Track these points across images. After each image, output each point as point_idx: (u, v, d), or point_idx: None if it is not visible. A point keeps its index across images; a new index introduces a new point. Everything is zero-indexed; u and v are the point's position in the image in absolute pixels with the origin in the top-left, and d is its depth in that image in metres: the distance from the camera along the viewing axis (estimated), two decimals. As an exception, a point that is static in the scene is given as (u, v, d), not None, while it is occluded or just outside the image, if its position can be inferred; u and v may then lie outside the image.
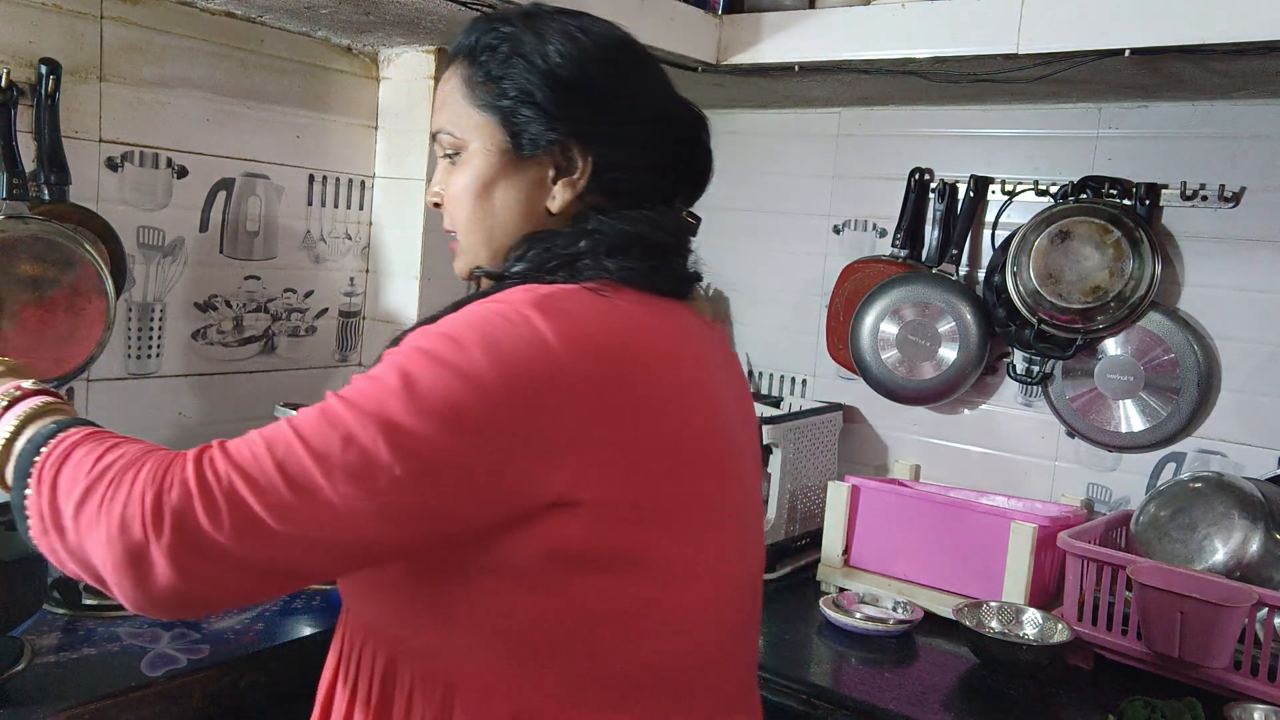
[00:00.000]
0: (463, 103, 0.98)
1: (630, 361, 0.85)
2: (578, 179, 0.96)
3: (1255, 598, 1.45)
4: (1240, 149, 1.85)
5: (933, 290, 2.11)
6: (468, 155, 0.98)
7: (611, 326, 0.86)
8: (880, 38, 1.76)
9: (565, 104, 0.95)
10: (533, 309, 0.83)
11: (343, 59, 2.03)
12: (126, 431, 1.83)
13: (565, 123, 0.95)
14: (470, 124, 0.98)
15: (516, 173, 0.97)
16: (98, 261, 1.60)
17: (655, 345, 0.89)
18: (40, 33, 1.59)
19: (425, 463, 0.78)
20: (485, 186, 0.97)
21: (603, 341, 0.84)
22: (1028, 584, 1.71)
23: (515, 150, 0.96)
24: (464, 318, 0.84)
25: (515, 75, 0.95)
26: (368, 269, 2.15)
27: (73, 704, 1.21)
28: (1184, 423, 1.88)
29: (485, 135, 0.97)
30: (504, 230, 0.98)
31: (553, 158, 0.96)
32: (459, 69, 1.00)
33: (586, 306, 0.86)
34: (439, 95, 1.02)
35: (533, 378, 0.80)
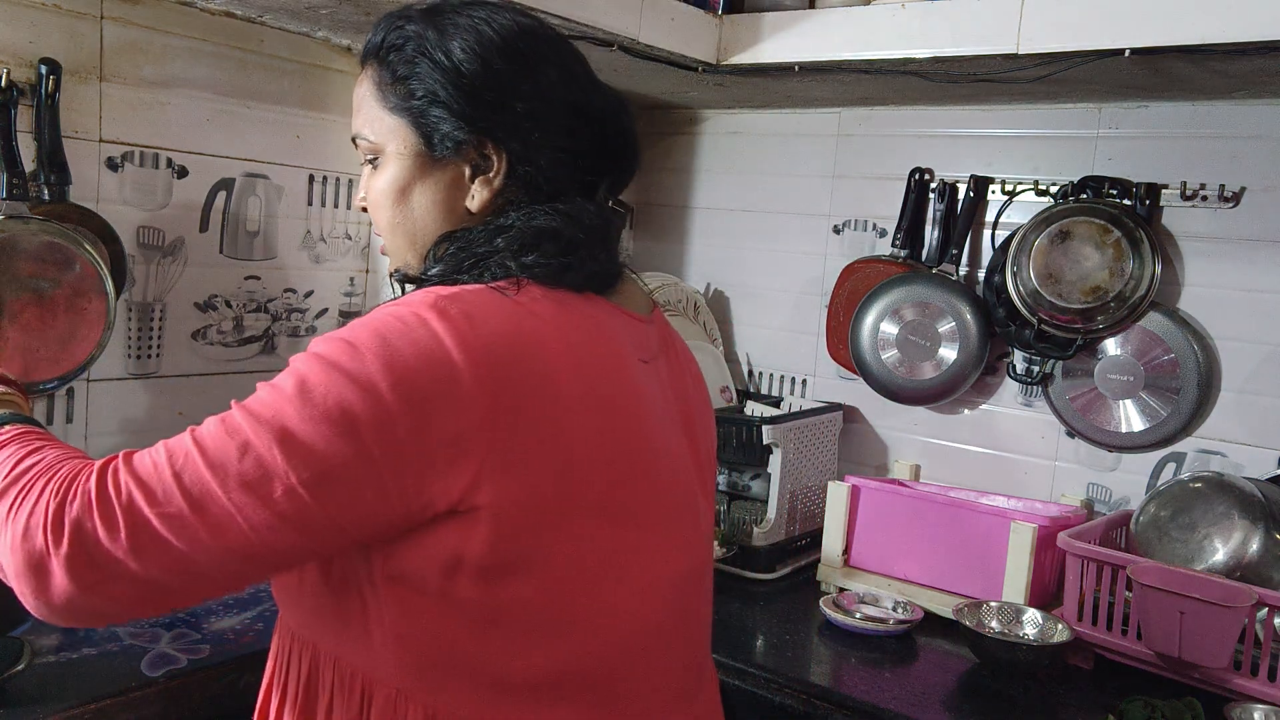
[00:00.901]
0: (375, 106, 0.97)
1: (528, 363, 0.83)
2: (493, 176, 0.95)
3: (1255, 598, 1.45)
4: (1240, 149, 1.85)
5: (933, 290, 2.11)
6: (384, 159, 0.97)
7: (510, 328, 0.84)
8: (880, 38, 1.76)
9: (473, 101, 0.93)
10: (430, 311, 0.82)
11: (343, 59, 2.03)
12: (126, 431, 1.84)
13: (475, 120, 0.93)
14: (384, 127, 0.97)
15: (432, 174, 0.96)
16: (98, 261, 1.60)
17: (556, 345, 0.86)
18: (40, 33, 1.59)
19: (320, 470, 0.78)
20: (402, 190, 0.97)
21: (499, 343, 0.82)
22: (1028, 584, 1.71)
23: (429, 151, 0.95)
24: (364, 322, 0.83)
25: (421, 75, 0.94)
26: (368, 269, 2.15)
27: (73, 704, 1.21)
28: (1184, 423, 1.88)
29: (398, 138, 0.96)
30: (425, 232, 0.97)
31: (467, 156, 0.95)
32: (369, 71, 0.99)
33: (487, 307, 0.85)
34: (355, 98, 1.01)
35: (426, 382, 0.79)
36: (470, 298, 0.85)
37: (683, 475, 0.99)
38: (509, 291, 0.87)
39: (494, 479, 0.81)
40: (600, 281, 0.96)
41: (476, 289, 0.87)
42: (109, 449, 1.74)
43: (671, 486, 0.96)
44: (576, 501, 0.85)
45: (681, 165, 2.57)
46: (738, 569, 1.96)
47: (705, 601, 1.05)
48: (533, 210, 0.94)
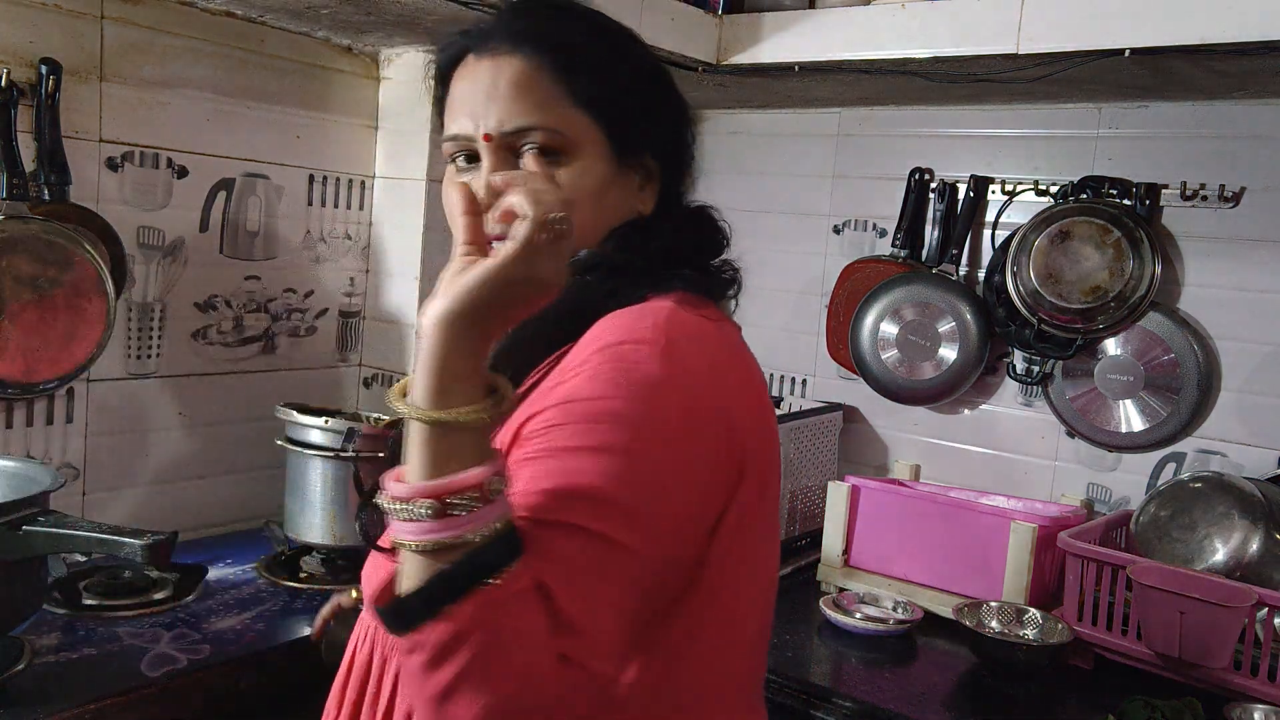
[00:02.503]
0: (561, 98, 0.91)
1: (750, 394, 0.92)
2: (655, 185, 0.98)
3: (1255, 598, 1.45)
4: (1240, 149, 1.85)
5: (933, 290, 2.11)
6: (576, 157, 0.91)
7: (736, 362, 0.92)
8: (880, 38, 1.76)
9: (648, 109, 0.95)
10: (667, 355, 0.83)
11: (343, 59, 2.03)
12: (126, 431, 1.84)
13: (648, 129, 0.95)
14: (574, 122, 0.91)
15: (617, 180, 0.95)
16: (98, 261, 1.60)
17: (754, 377, 0.96)
18: (40, 33, 1.59)
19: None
20: (595, 195, 0.93)
21: (734, 378, 0.89)
22: (1028, 584, 1.71)
23: (618, 155, 0.94)
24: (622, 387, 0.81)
25: (619, 75, 0.94)
26: (368, 269, 2.15)
27: (73, 704, 1.21)
28: (1184, 423, 1.88)
29: (591, 137, 0.92)
30: (596, 232, 0.94)
31: (642, 163, 0.96)
32: (541, 59, 0.91)
33: (709, 342, 0.89)
34: (503, 86, 0.91)
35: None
36: (696, 335, 0.87)
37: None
38: (710, 317, 0.91)
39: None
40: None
41: (689, 319, 0.88)
42: (109, 449, 1.75)
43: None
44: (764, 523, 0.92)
45: (681, 165, 2.57)
46: (738, 569, 1.96)
47: None
48: (689, 215, 1.00)
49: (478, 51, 0.92)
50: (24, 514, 1.18)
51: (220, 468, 1.93)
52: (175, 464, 1.86)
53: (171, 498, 1.86)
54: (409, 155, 2.05)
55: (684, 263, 0.95)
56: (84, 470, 1.73)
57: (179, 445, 1.87)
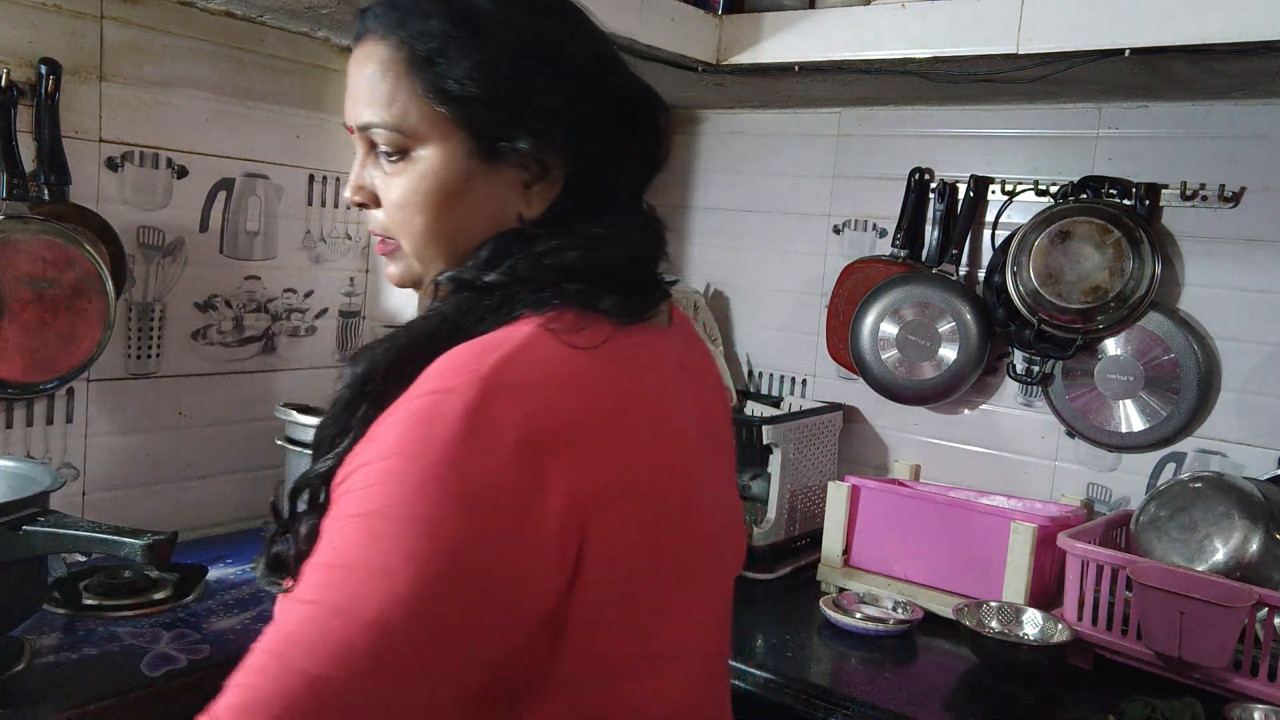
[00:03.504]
0: (406, 91, 0.83)
1: (605, 442, 0.76)
2: (553, 183, 0.85)
3: (1255, 598, 1.45)
4: (1240, 149, 1.85)
5: (933, 290, 2.11)
6: (422, 156, 0.84)
7: (593, 405, 0.76)
8: (880, 38, 1.76)
9: (540, 98, 0.82)
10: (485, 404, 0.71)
11: (343, 59, 2.03)
12: (126, 431, 1.84)
13: (535, 119, 0.82)
14: (421, 118, 0.82)
15: (485, 178, 0.84)
16: (98, 261, 1.60)
17: (631, 412, 0.79)
18: (40, 33, 1.59)
19: None
20: (450, 195, 0.84)
21: (589, 429, 0.75)
22: (1028, 584, 1.71)
23: (482, 152, 0.83)
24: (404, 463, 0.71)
25: (473, 60, 0.81)
26: (368, 269, 2.15)
27: (73, 704, 1.21)
28: (1184, 423, 1.88)
29: (442, 133, 0.83)
30: (468, 239, 0.85)
31: (524, 160, 0.84)
32: (391, 48, 0.83)
33: (553, 382, 0.75)
34: (362, 78, 0.85)
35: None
36: (536, 368, 0.75)
37: (720, 503, 0.93)
38: (580, 344, 0.78)
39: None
40: (660, 301, 0.89)
41: (537, 357, 0.76)
42: (109, 449, 1.75)
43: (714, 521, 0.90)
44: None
45: (681, 165, 2.57)
46: (738, 569, 1.96)
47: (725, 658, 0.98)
48: (616, 220, 0.85)
49: (358, 36, 0.87)
50: (24, 514, 1.18)
51: (220, 468, 1.93)
52: (175, 464, 1.86)
53: (171, 498, 1.86)
54: (409, 155, 2.05)
55: (572, 278, 0.81)
56: (84, 470, 1.73)
57: (179, 445, 1.87)
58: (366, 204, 0.90)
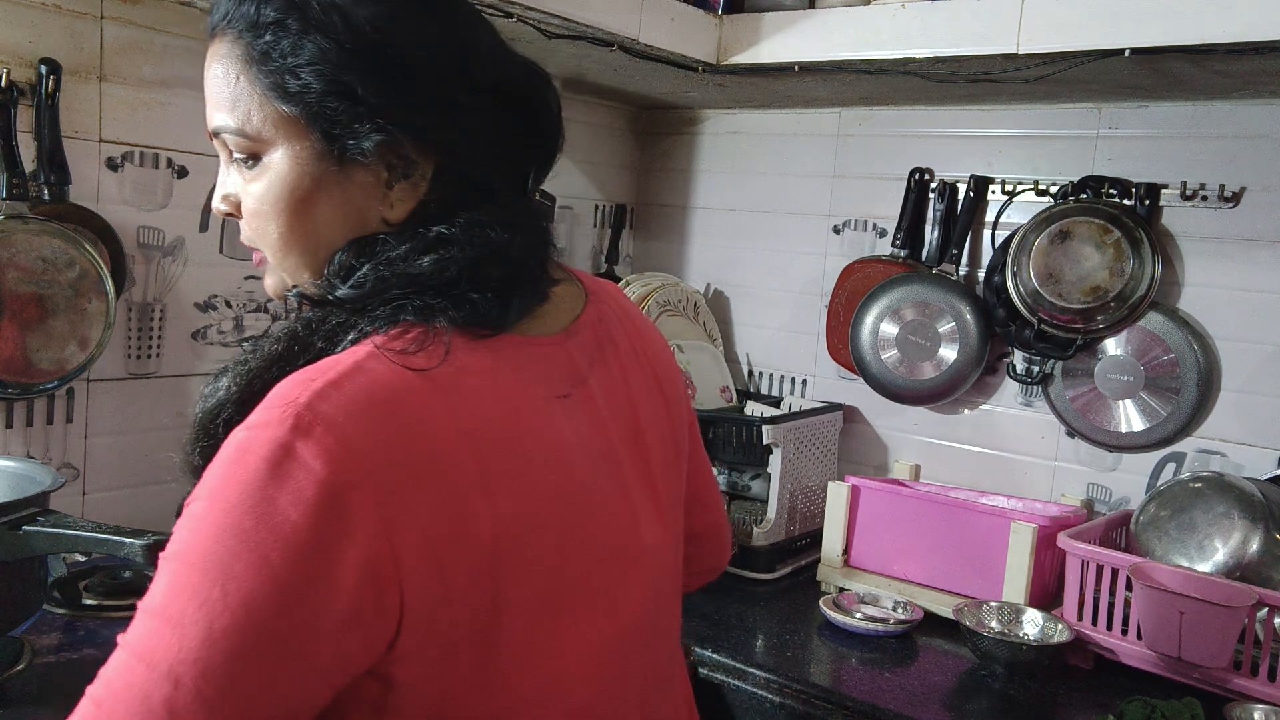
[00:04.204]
0: (250, 92, 0.77)
1: (433, 478, 0.70)
2: (418, 180, 0.78)
3: (1255, 598, 1.45)
4: (1240, 149, 1.85)
5: (933, 290, 2.11)
6: (271, 161, 0.79)
7: (417, 438, 0.70)
8: (880, 38, 1.76)
9: (388, 88, 0.75)
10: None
11: (343, 59, 2.03)
12: (126, 431, 1.83)
13: (393, 113, 0.75)
14: (267, 120, 0.77)
15: (339, 180, 0.78)
16: (98, 261, 1.60)
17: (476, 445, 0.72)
18: (40, 33, 1.59)
19: None
20: (301, 199, 0.78)
21: (411, 468, 0.69)
22: (1028, 584, 1.71)
23: (334, 152, 0.77)
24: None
25: (317, 54, 0.75)
26: (368, 269, 2.14)
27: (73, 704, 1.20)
28: (1184, 423, 1.88)
29: (290, 135, 0.77)
30: (330, 245, 0.79)
31: (383, 158, 0.77)
32: (236, 47, 0.78)
33: (381, 404, 0.69)
34: (211, 80, 0.80)
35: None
36: (353, 407, 0.68)
37: (616, 522, 0.85)
38: (415, 365, 0.71)
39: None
40: (534, 306, 0.82)
41: (369, 379, 0.70)
42: (109, 449, 1.74)
43: (601, 546, 0.82)
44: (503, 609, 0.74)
45: (681, 165, 2.57)
46: (738, 569, 1.96)
47: (654, 653, 0.90)
48: (468, 220, 0.77)
49: (210, 33, 0.81)
50: (24, 514, 1.18)
51: (220, 468, 1.93)
52: (175, 464, 1.86)
53: (171, 498, 1.85)
54: (409, 155, 2.05)
55: (430, 286, 0.75)
56: (84, 470, 1.73)
57: (179, 445, 1.86)
58: (233, 214, 0.85)
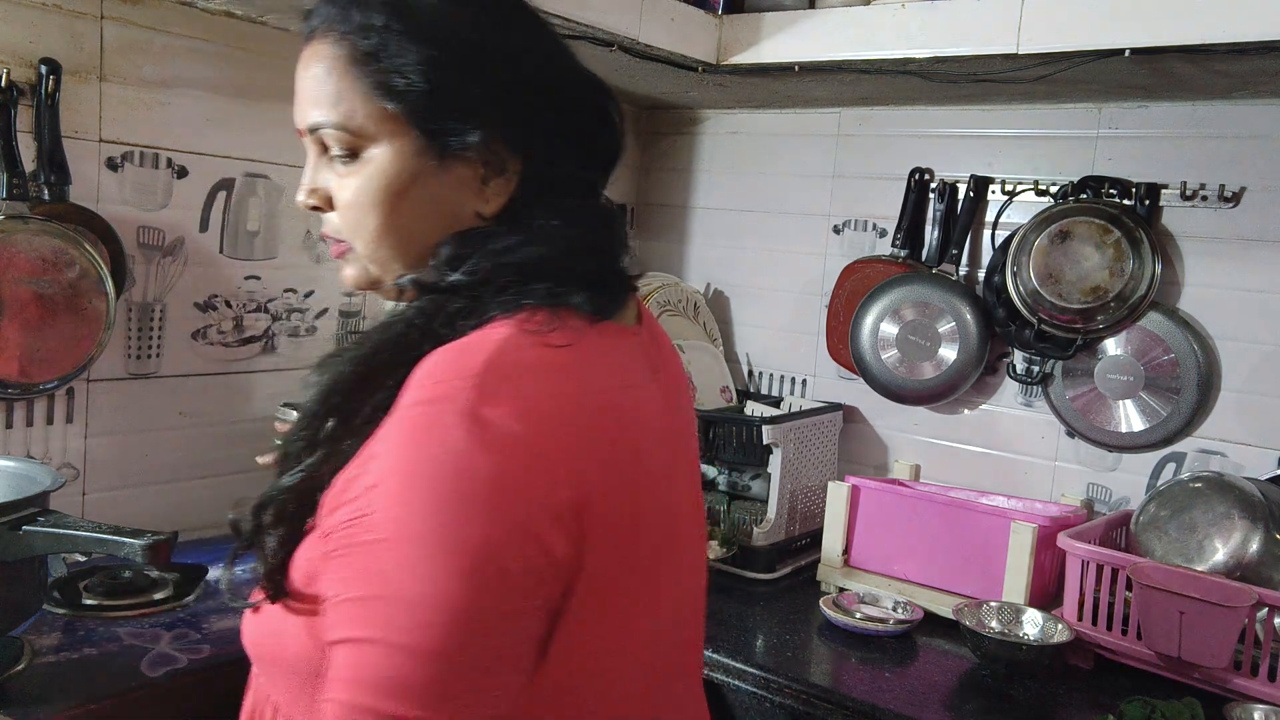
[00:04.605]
0: (352, 89, 0.81)
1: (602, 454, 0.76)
2: (510, 177, 0.83)
3: (1255, 598, 1.45)
4: (1240, 149, 1.85)
5: (933, 290, 2.11)
6: (372, 156, 0.82)
7: (583, 400, 0.76)
8: (880, 38, 1.76)
9: (487, 90, 0.80)
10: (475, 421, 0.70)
11: (343, 59, 2.03)
12: (126, 431, 1.83)
13: (490, 113, 0.81)
14: (371, 117, 0.81)
15: (437, 176, 0.82)
16: (98, 261, 1.60)
17: (614, 417, 0.79)
18: (40, 33, 1.59)
19: None
20: (399, 193, 0.82)
21: (578, 425, 0.75)
22: (1028, 584, 1.71)
23: (433, 149, 0.81)
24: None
25: (422, 55, 0.79)
26: (368, 269, 2.14)
27: (73, 704, 1.21)
28: (1184, 423, 1.88)
29: (391, 131, 0.81)
30: (423, 239, 0.83)
31: (480, 155, 0.82)
32: (339, 48, 0.81)
33: (545, 385, 0.74)
34: (308, 79, 0.84)
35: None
36: (521, 373, 0.74)
37: (690, 503, 0.94)
38: (556, 342, 0.77)
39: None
40: (625, 297, 0.88)
41: (520, 357, 0.75)
42: (109, 449, 1.74)
43: (678, 525, 0.89)
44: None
45: (681, 165, 2.57)
46: (738, 569, 1.96)
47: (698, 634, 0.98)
48: (566, 214, 0.84)
49: (306, 36, 0.85)
50: (24, 514, 1.18)
51: (220, 468, 1.93)
52: (175, 464, 1.86)
53: (171, 498, 1.86)
54: (409, 155, 2.05)
55: (540, 276, 0.80)
56: (84, 470, 1.73)
57: (179, 445, 1.87)
58: (320, 207, 0.88)
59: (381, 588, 0.69)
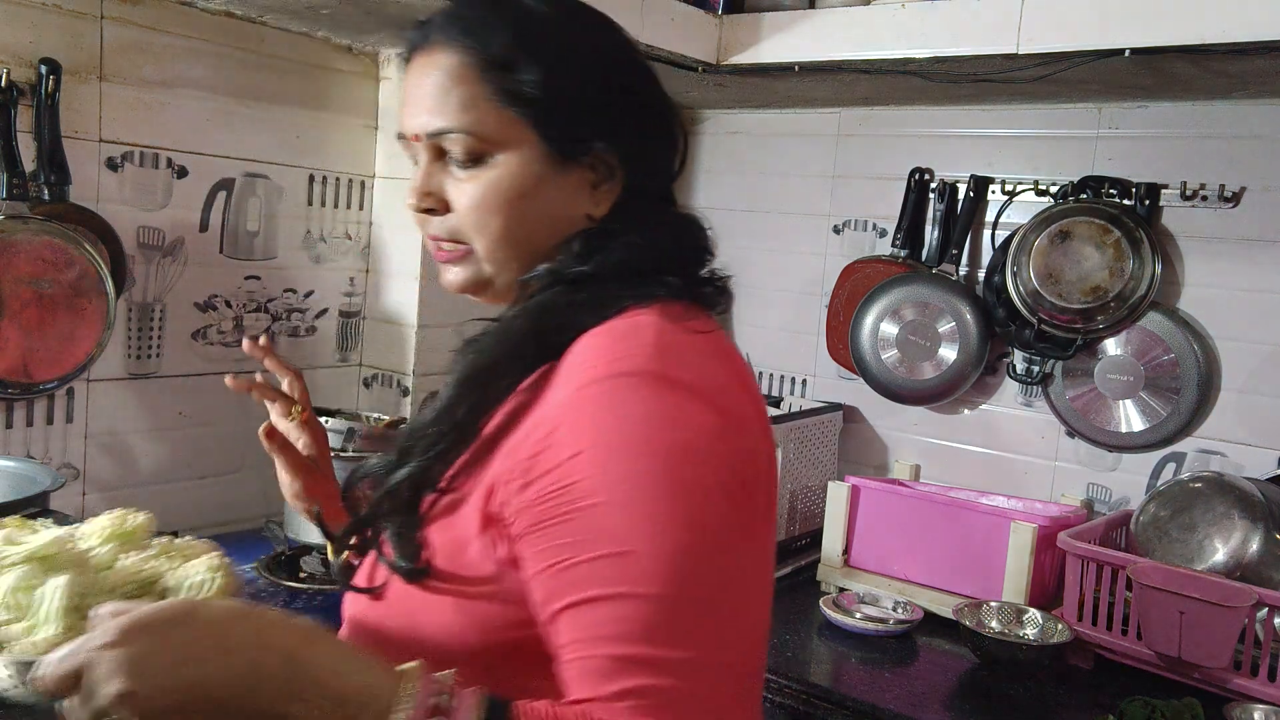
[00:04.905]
0: (483, 98, 0.85)
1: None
2: (616, 184, 0.89)
3: (1255, 598, 1.45)
4: (1240, 149, 1.85)
5: (933, 290, 2.11)
6: (497, 161, 0.86)
7: (738, 374, 0.84)
8: (880, 38, 1.76)
9: (604, 101, 0.87)
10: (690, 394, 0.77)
11: (343, 59, 2.03)
12: (126, 431, 1.83)
13: (605, 123, 0.87)
14: (495, 121, 0.85)
15: (556, 180, 0.87)
16: (98, 261, 1.60)
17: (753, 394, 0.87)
18: (40, 33, 1.59)
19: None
20: (523, 197, 0.86)
21: (741, 394, 0.83)
22: (1028, 584, 1.71)
23: (555, 155, 0.86)
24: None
25: (548, 67, 0.85)
26: (368, 269, 2.15)
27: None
28: (1184, 423, 1.88)
29: (518, 139, 0.85)
30: (540, 240, 0.88)
31: (593, 162, 0.88)
32: (465, 56, 0.85)
33: (708, 359, 0.81)
34: (428, 86, 0.87)
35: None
36: (689, 357, 0.80)
37: None
38: (699, 330, 0.84)
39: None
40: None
41: (681, 336, 0.81)
42: (109, 449, 1.74)
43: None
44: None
45: (681, 165, 2.57)
46: (738, 569, 1.96)
47: None
48: (674, 217, 0.92)
49: (418, 45, 0.89)
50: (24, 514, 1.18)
51: (220, 468, 1.93)
52: (175, 464, 1.86)
53: (171, 498, 1.86)
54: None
55: (661, 272, 0.87)
56: (84, 470, 1.73)
57: (179, 445, 1.87)
58: (435, 209, 0.90)
59: (617, 545, 0.71)
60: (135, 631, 0.65)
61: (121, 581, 0.78)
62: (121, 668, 0.63)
